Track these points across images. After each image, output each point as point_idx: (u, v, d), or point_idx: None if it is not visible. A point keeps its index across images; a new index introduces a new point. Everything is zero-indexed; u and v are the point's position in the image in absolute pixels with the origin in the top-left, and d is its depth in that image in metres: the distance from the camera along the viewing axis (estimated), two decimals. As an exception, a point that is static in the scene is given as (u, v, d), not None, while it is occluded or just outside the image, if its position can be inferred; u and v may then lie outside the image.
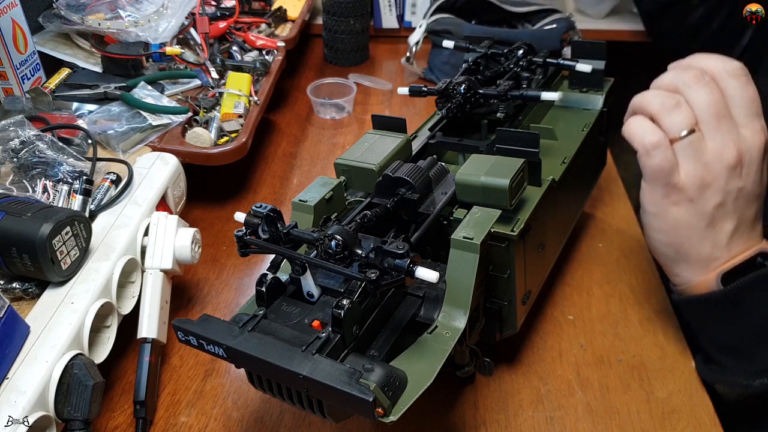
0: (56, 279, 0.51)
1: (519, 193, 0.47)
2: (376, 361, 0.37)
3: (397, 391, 0.36)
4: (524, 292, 0.51)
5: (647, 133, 0.49)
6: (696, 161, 0.48)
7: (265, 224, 0.40)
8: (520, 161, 0.47)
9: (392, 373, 0.36)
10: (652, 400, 0.54)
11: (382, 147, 0.53)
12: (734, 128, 0.48)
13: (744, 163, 0.48)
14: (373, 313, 0.40)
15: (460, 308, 0.42)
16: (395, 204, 0.47)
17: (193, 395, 0.55)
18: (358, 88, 0.99)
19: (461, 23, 1.03)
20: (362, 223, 0.43)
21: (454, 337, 0.41)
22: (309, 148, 0.91)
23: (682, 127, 0.48)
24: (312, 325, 0.38)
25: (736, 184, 0.48)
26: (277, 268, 0.43)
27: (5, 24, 0.70)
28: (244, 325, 0.38)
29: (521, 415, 0.53)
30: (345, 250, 0.37)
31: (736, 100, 0.49)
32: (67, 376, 0.45)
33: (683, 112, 0.48)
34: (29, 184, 0.59)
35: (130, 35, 0.84)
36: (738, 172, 0.48)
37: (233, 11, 0.97)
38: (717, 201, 0.49)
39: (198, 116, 0.78)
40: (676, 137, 0.48)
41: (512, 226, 0.46)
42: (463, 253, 0.43)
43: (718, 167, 0.48)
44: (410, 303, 0.44)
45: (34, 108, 0.73)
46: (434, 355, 0.39)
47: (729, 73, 0.50)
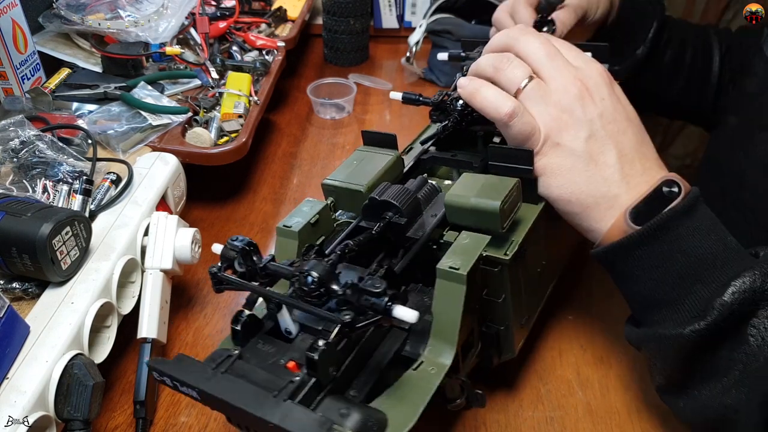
0: (56, 279, 0.51)
1: (512, 215, 0.45)
2: (354, 405, 0.35)
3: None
4: (522, 315, 0.50)
5: (499, 104, 0.47)
6: (546, 104, 0.48)
7: (241, 258, 0.38)
8: (513, 181, 0.45)
9: (370, 417, 0.34)
10: (652, 400, 0.54)
11: (371, 166, 0.51)
12: (568, 64, 0.49)
13: (591, 90, 0.48)
14: (353, 351, 0.38)
15: (447, 343, 0.40)
16: (382, 228, 0.45)
17: (193, 395, 0.55)
18: (358, 88, 0.99)
19: (461, 23, 1.03)
20: (343, 254, 0.40)
21: (439, 374, 0.39)
22: (309, 148, 0.91)
23: (520, 79, 0.48)
24: (287, 366, 0.36)
25: (594, 110, 0.48)
26: (252, 305, 0.41)
27: (5, 24, 0.70)
28: (217, 366, 0.36)
29: (521, 415, 0.53)
30: (321, 287, 0.36)
31: (561, 47, 0.51)
32: (67, 376, 0.45)
33: (518, 65, 0.49)
34: (29, 184, 0.59)
35: (130, 35, 0.84)
36: (590, 99, 0.48)
37: (233, 11, 0.97)
38: (583, 134, 0.47)
39: (198, 116, 0.78)
40: (519, 89, 0.48)
41: (505, 249, 0.44)
42: (450, 284, 0.40)
43: (568, 100, 0.48)
44: (395, 336, 0.41)
45: (34, 108, 0.73)
46: (418, 394, 0.37)
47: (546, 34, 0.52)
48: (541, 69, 0.49)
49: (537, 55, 0.49)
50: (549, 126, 0.48)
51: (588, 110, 0.48)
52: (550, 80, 0.49)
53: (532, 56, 0.50)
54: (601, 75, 0.50)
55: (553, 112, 0.48)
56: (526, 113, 0.48)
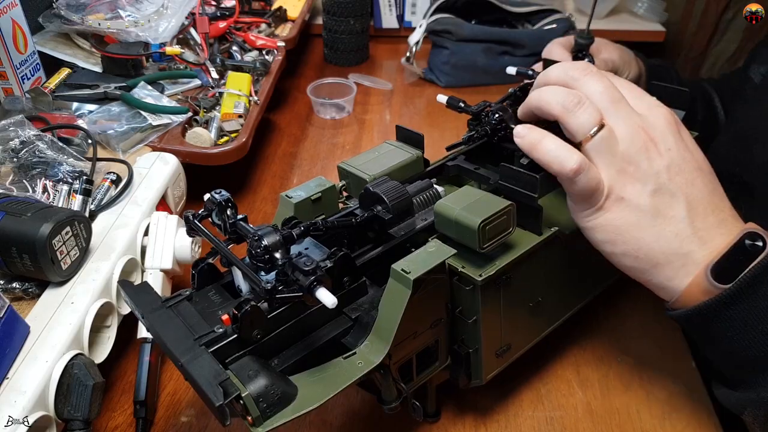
0: (56, 279, 0.51)
1: (499, 238, 0.43)
2: (269, 372, 0.36)
3: (274, 405, 0.36)
4: (499, 345, 0.48)
5: (564, 159, 0.43)
6: (612, 156, 0.44)
7: (218, 211, 0.41)
8: (505, 203, 0.43)
9: (275, 387, 0.36)
10: (652, 400, 0.54)
11: (387, 159, 0.52)
12: (632, 110, 0.45)
13: (656, 140, 0.44)
14: (288, 323, 0.39)
15: (382, 342, 0.40)
16: (364, 219, 0.45)
17: (194, 395, 0.55)
18: (358, 88, 0.99)
19: (461, 23, 1.03)
20: (307, 231, 0.41)
21: (363, 369, 0.39)
22: (309, 148, 0.91)
23: (591, 125, 0.44)
24: (222, 317, 0.38)
25: (660, 162, 0.44)
26: (214, 255, 0.43)
27: (5, 24, 0.70)
28: (166, 301, 0.40)
29: (521, 415, 0.53)
30: (266, 254, 0.37)
31: (622, 89, 0.47)
32: (67, 376, 0.45)
33: (590, 109, 0.44)
34: (29, 184, 0.59)
35: (130, 35, 0.84)
36: (656, 150, 0.44)
37: (233, 11, 0.97)
38: (649, 188, 0.44)
39: (198, 116, 0.78)
40: (587, 137, 0.44)
41: (482, 270, 0.43)
42: (398, 286, 0.40)
43: (633, 152, 0.44)
44: (340, 323, 0.42)
45: (34, 108, 0.73)
46: (336, 381, 0.38)
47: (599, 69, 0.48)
48: (605, 116, 0.45)
49: (601, 100, 0.45)
50: (613, 179, 0.44)
51: (654, 162, 0.44)
52: (615, 127, 0.44)
53: (597, 98, 0.45)
54: (668, 122, 0.46)
55: (618, 165, 0.44)
56: (592, 167, 0.44)
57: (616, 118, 0.45)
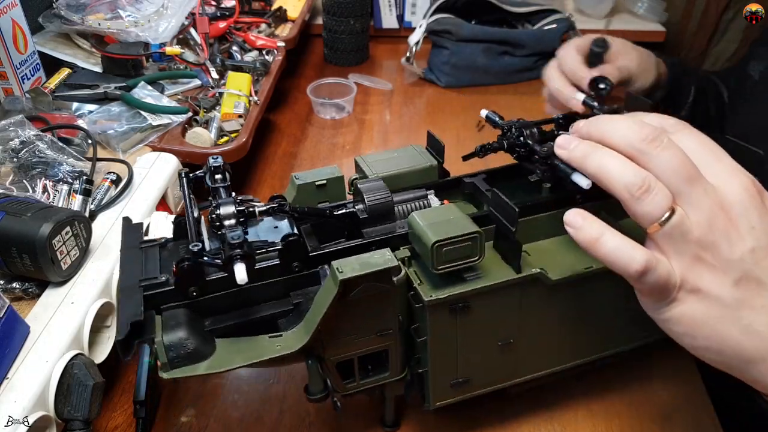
0: (56, 279, 0.51)
1: (459, 263, 0.41)
2: (192, 327, 0.39)
3: (183, 357, 0.39)
4: (454, 375, 0.46)
5: (626, 258, 0.38)
6: (685, 244, 0.38)
7: (210, 175, 0.43)
8: (472, 229, 0.41)
9: (189, 342, 0.39)
10: (652, 400, 0.54)
11: (404, 162, 0.51)
12: (709, 186, 0.39)
13: (737, 219, 0.38)
14: (229, 290, 0.41)
15: (305, 333, 0.41)
16: (341, 214, 0.45)
17: (193, 395, 0.55)
18: (358, 88, 0.99)
19: (461, 23, 1.03)
20: (270, 210, 0.43)
21: (279, 352, 0.40)
22: (309, 148, 0.91)
23: (660, 213, 0.38)
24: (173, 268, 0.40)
25: (742, 246, 0.38)
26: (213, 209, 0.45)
27: (5, 24, 0.70)
28: (143, 243, 0.44)
29: (521, 414, 0.53)
30: (218, 221, 0.40)
31: (693, 153, 0.39)
32: (67, 376, 0.45)
33: (659, 194, 0.38)
34: (29, 184, 0.59)
35: (130, 35, 0.84)
36: (737, 232, 0.38)
37: (233, 11, 0.97)
38: (731, 277, 0.38)
39: (198, 116, 0.78)
40: (655, 226, 0.38)
41: (434, 291, 0.41)
42: (330, 282, 0.40)
43: (712, 239, 0.38)
44: (282, 305, 0.43)
45: (34, 108, 0.73)
46: (251, 354, 0.40)
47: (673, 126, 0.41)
48: (681, 197, 0.38)
49: (673, 179, 0.38)
50: (686, 269, 0.38)
51: (736, 247, 0.38)
52: (692, 212, 0.38)
53: (669, 177, 0.38)
54: (749, 194, 0.39)
55: (693, 252, 0.38)
56: (661, 263, 0.38)
57: (691, 201, 0.38)
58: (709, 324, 0.39)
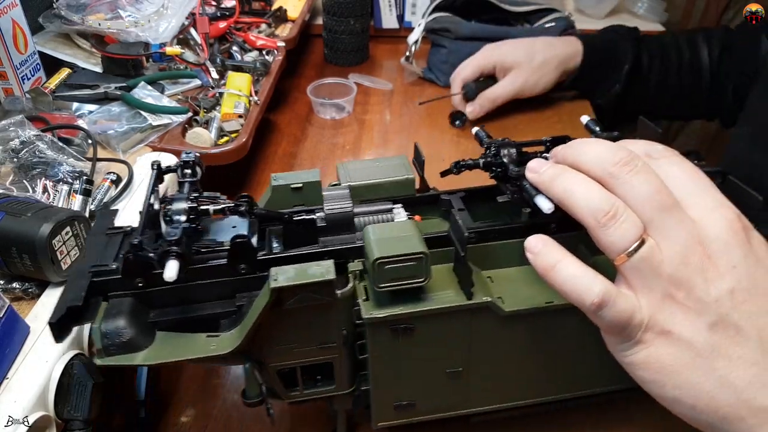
0: (56, 279, 0.51)
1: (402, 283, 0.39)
2: (133, 317, 0.40)
3: (118, 346, 0.40)
4: (396, 397, 0.45)
5: (582, 290, 0.35)
6: (655, 278, 0.35)
7: (182, 169, 0.44)
8: (417, 249, 0.39)
9: (126, 331, 0.39)
10: (653, 401, 0.54)
11: (382, 172, 0.49)
12: (687, 217, 0.35)
13: (716, 255, 0.34)
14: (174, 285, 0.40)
15: (238, 337, 0.40)
16: (299, 221, 0.44)
17: (193, 395, 0.55)
18: (358, 88, 0.99)
19: (460, 22, 1.03)
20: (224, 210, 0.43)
21: (211, 353, 0.40)
22: (309, 148, 0.91)
23: (627, 243, 0.34)
24: None
25: (721, 285, 0.34)
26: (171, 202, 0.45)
27: (5, 24, 0.70)
28: (113, 228, 0.45)
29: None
30: (167, 216, 0.41)
31: (675, 181, 0.36)
32: (67, 376, 0.45)
33: (626, 221, 0.35)
34: (29, 184, 0.59)
35: (130, 35, 0.84)
36: (715, 271, 0.34)
37: (233, 11, 0.97)
38: (705, 321, 0.34)
39: (198, 116, 0.78)
40: (622, 257, 0.35)
41: (377, 310, 0.40)
42: (266, 289, 0.39)
43: (686, 275, 0.34)
44: (226, 306, 0.43)
45: (34, 108, 0.73)
46: (184, 351, 0.41)
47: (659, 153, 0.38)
48: (653, 227, 0.35)
49: (646, 207, 0.35)
50: (656, 307, 0.35)
51: (713, 286, 0.34)
52: (664, 243, 0.35)
53: (640, 204, 0.35)
54: (733, 231, 0.35)
55: (663, 289, 0.35)
56: (621, 298, 0.35)
57: (663, 232, 0.35)
58: (679, 372, 0.35)
